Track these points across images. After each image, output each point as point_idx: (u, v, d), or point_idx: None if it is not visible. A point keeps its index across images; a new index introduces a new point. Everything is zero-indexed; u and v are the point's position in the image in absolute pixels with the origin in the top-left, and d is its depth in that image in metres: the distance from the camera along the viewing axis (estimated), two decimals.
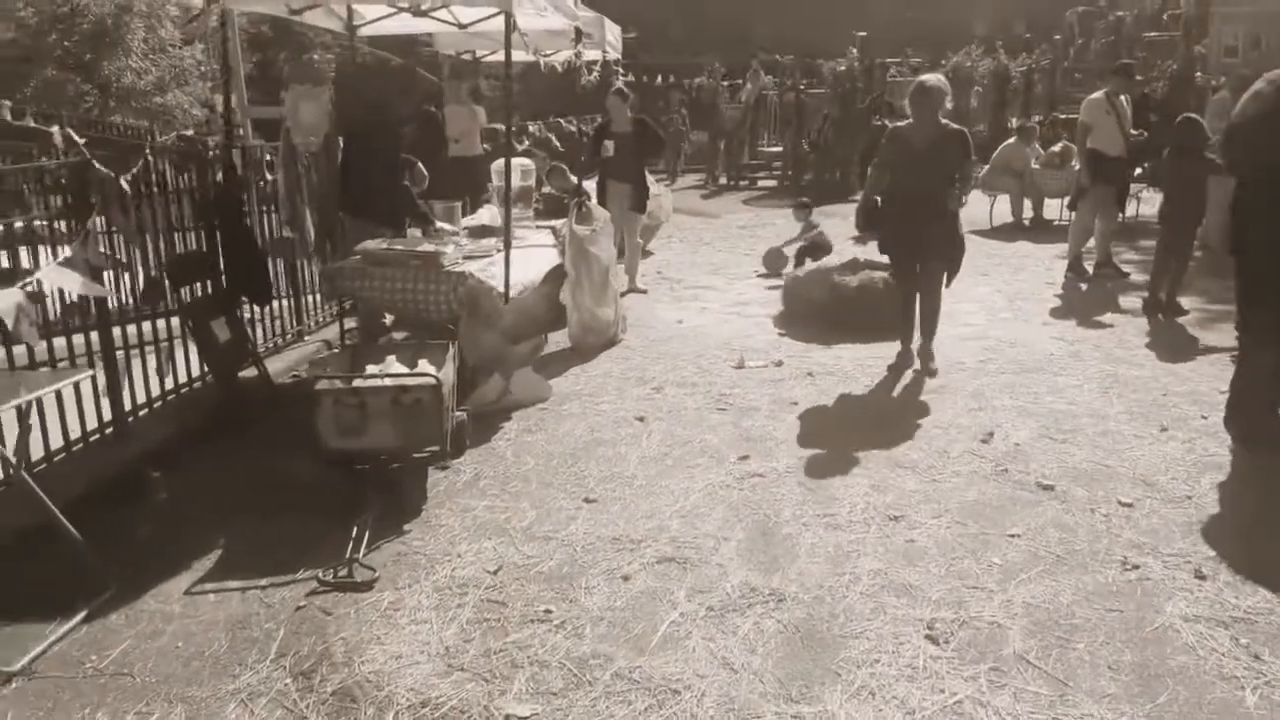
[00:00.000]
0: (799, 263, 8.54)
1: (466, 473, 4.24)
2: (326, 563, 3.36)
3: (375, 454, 3.87)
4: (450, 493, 4.04)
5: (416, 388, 3.82)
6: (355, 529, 3.53)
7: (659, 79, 19.40)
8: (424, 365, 4.24)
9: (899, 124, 5.74)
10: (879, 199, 5.62)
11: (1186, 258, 7.16)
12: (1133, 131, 8.30)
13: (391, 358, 4.28)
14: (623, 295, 7.04)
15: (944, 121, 5.39)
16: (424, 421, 3.79)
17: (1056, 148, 11.78)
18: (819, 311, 6.95)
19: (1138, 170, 10.19)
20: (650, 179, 8.84)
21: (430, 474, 4.16)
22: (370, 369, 4.10)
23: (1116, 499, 3.79)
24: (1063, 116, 18.79)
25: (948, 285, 5.65)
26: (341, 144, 5.90)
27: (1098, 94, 8.37)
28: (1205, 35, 21.38)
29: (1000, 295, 7.95)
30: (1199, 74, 19.61)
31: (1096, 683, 2.65)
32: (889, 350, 5.85)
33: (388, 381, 3.89)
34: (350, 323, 6.38)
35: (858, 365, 5.88)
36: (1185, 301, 7.17)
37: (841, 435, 4.65)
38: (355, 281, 5.14)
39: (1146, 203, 11.15)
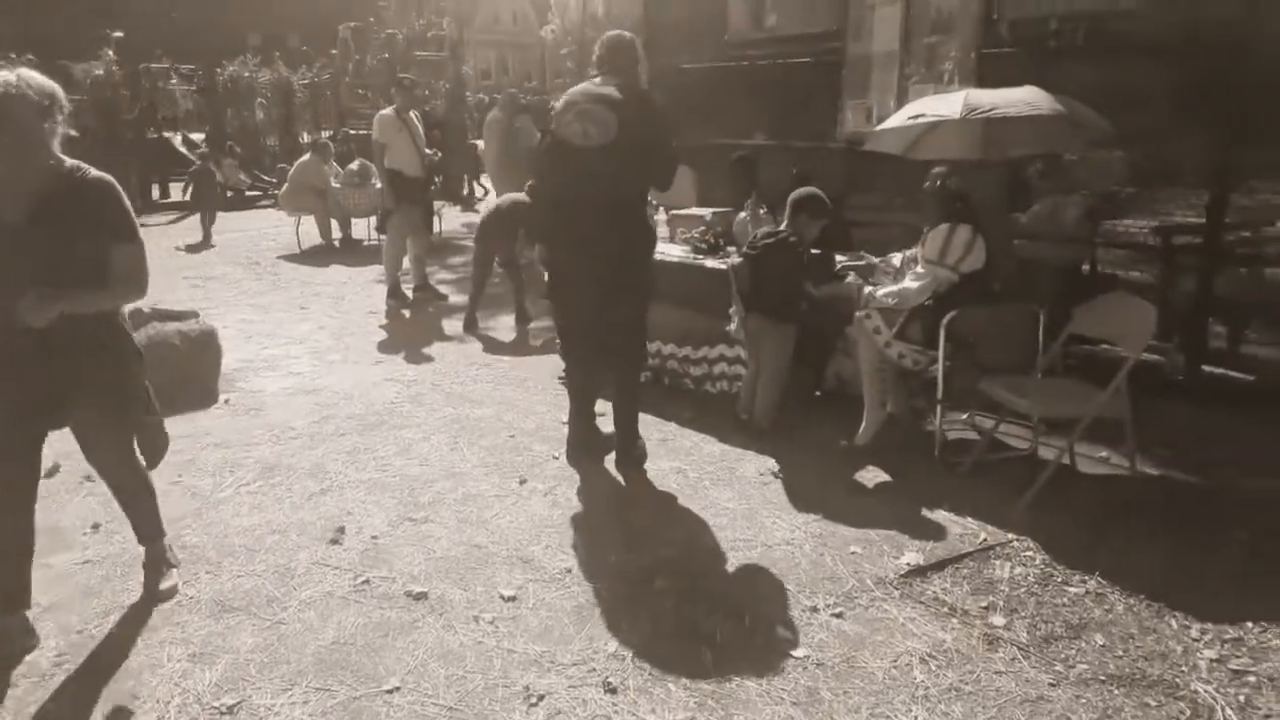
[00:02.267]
0: None
1: None
2: None
3: None
4: None
5: None
6: None
7: None
8: None
9: None
10: None
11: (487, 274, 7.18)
12: (428, 151, 8.11)
13: None
14: None
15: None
16: None
17: (354, 165, 11.35)
18: None
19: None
20: None
21: None
22: None
23: (499, 593, 3.21)
24: (353, 132, 18.77)
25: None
26: None
27: (388, 110, 7.99)
28: (465, 58, 23.31)
29: (325, 332, 7.13)
30: (469, 93, 21.23)
31: None
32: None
33: None
34: None
35: None
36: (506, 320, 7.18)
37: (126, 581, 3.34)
38: None
39: (448, 219, 11.38)
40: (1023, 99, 4.19)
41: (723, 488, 4.09)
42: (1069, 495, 3.75)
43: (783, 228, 4.61)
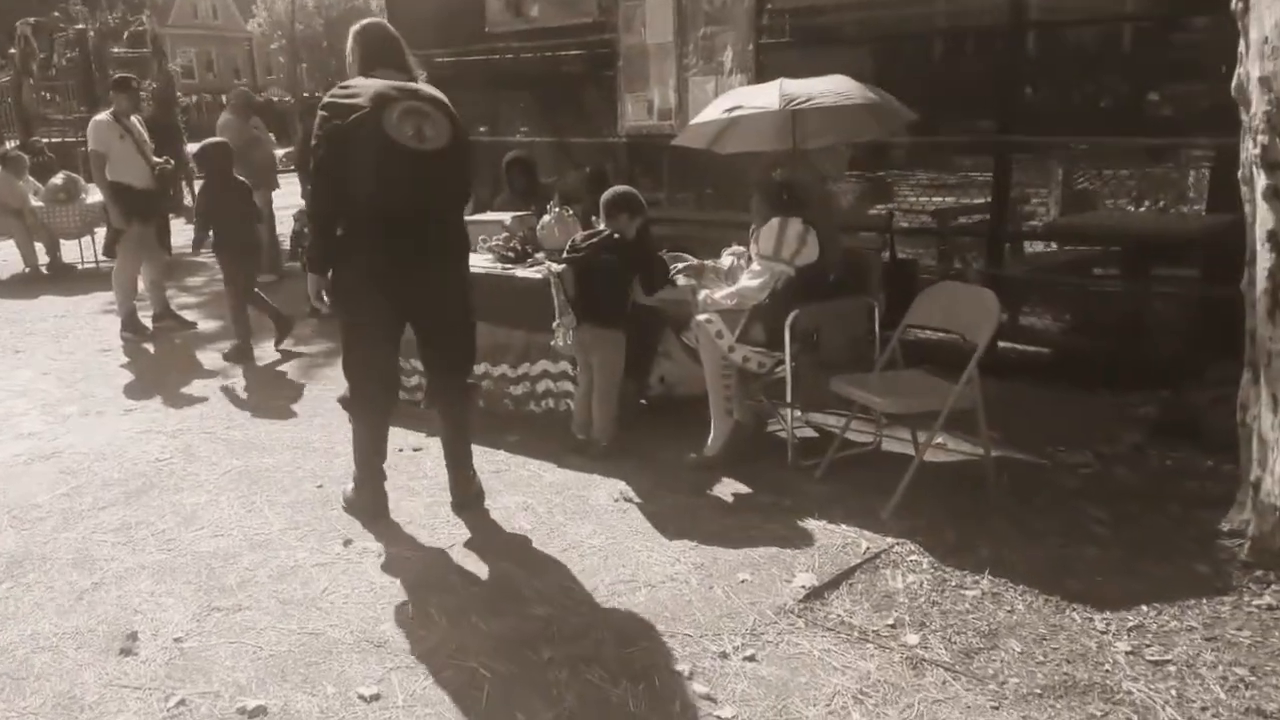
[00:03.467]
0: None
1: None
2: None
3: None
4: None
5: None
6: None
7: None
8: None
9: None
10: None
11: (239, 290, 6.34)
12: (156, 159, 7.06)
13: None
14: None
15: None
16: None
17: (58, 179, 9.82)
18: None
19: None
20: None
21: None
22: None
23: (356, 693, 2.67)
24: (44, 141, 16.41)
25: None
26: None
27: (104, 115, 6.88)
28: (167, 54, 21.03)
29: (52, 379, 6.01)
30: (179, 93, 19.19)
31: None
32: None
33: None
34: None
35: None
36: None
37: None
38: None
39: (183, 234, 10.13)
40: (834, 88, 4.13)
41: (579, 521, 3.74)
42: (928, 489, 3.73)
43: (602, 228, 4.30)
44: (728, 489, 3.99)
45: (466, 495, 3.85)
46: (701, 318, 4.08)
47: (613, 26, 6.81)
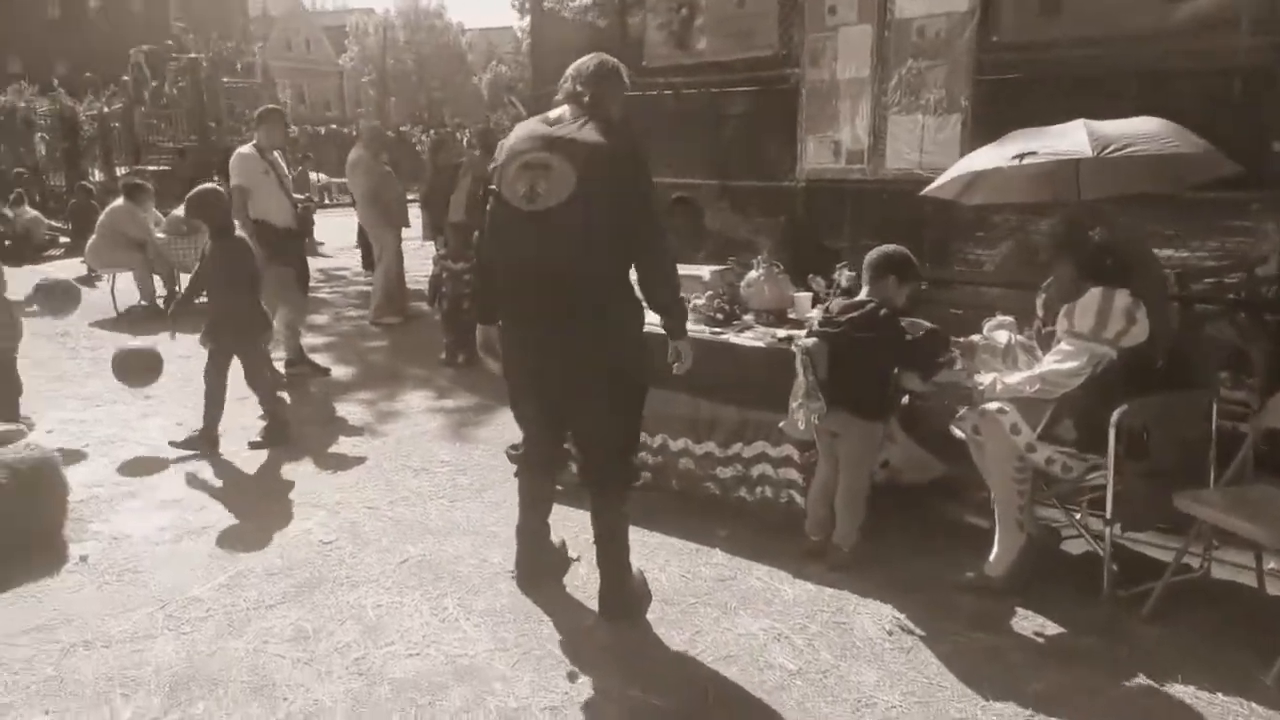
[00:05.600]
0: None
1: None
2: None
3: None
4: None
5: None
6: None
7: None
8: None
9: None
10: None
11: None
12: (299, 196, 6.62)
13: None
14: None
15: None
16: None
17: (179, 211, 9.50)
18: None
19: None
20: None
21: None
22: None
23: None
24: (152, 169, 16.46)
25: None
26: None
27: (248, 148, 6.47)
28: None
29: (187, 430, 5.48)
30: (290, 124, 19.18)
31: None
32: None
33: None
34: None
35: None
36: None
37: None
38: None
39: None
40: (1149, 131, 3.40)
41: (855, 662, 3.00)
42: None
43: (864, 295, 3.61)
44: (1028, 624, 3.22)
45: (617, 602, 3.28)
46: (992, 407, 3.34)
47: (795, 60, 6.17)
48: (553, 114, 3.03)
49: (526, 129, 3.03)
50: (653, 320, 3.19)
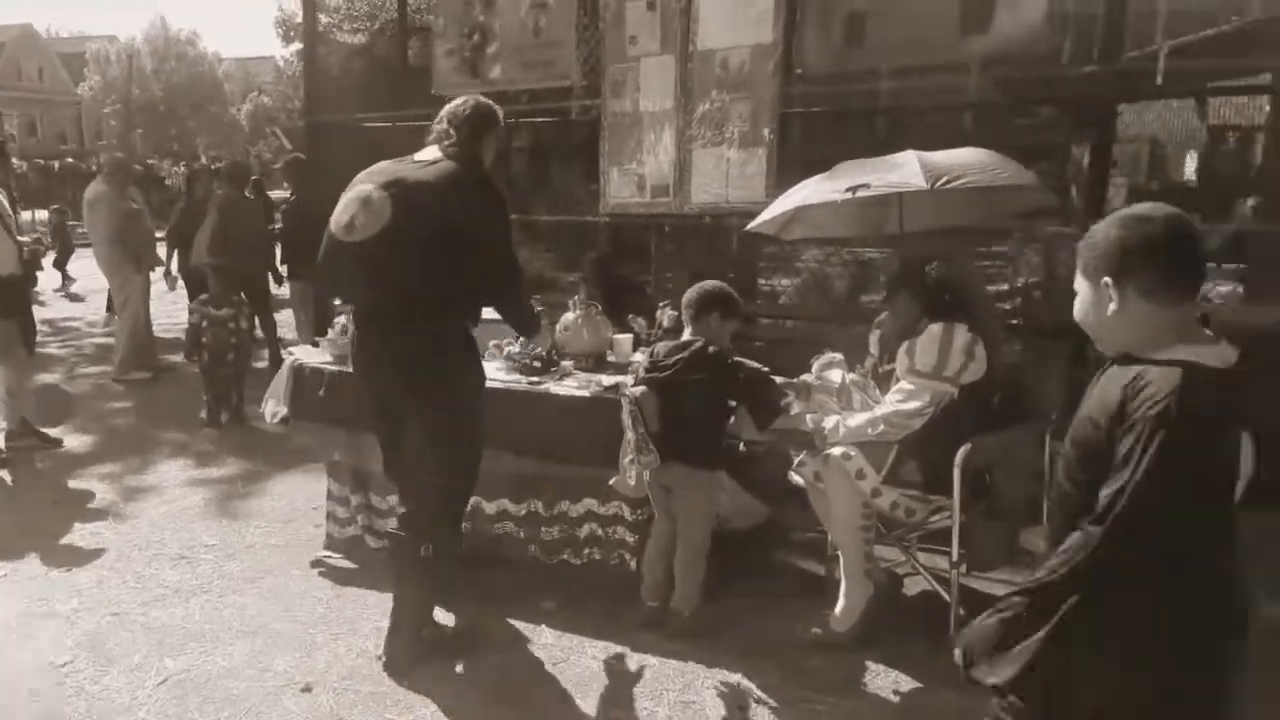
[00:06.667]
0: None
1: None
2: None
3: None
4: None
5: None
6: None
7: None
8: None
9: None
10: None
11: None
12: (23, 239, 5.61)
13: None
14: None
15: None
16: None
17: None
18: None
19: None
20: None
21: None
22: None
23: None
24: None
25: None
26: None
27: None
28: None
29: None
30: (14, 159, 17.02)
31: None
32: None
33: None
34: None
35: None
36: None
37: None
38: None
39: None
40: (979, 162, 3.34)
41: None
42: None
43: (689, 335, 3.33)
44: (883, 681, 3.01)
45: (394, 652, 3.13)
46: (836, 452, 3.13)
47: (596, 91, 5.91)
48: (419, 154, 3.04)
49: (379, 165, 3.04)
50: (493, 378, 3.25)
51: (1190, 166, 10.79)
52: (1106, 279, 1.64)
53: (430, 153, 3.02)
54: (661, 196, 5.72)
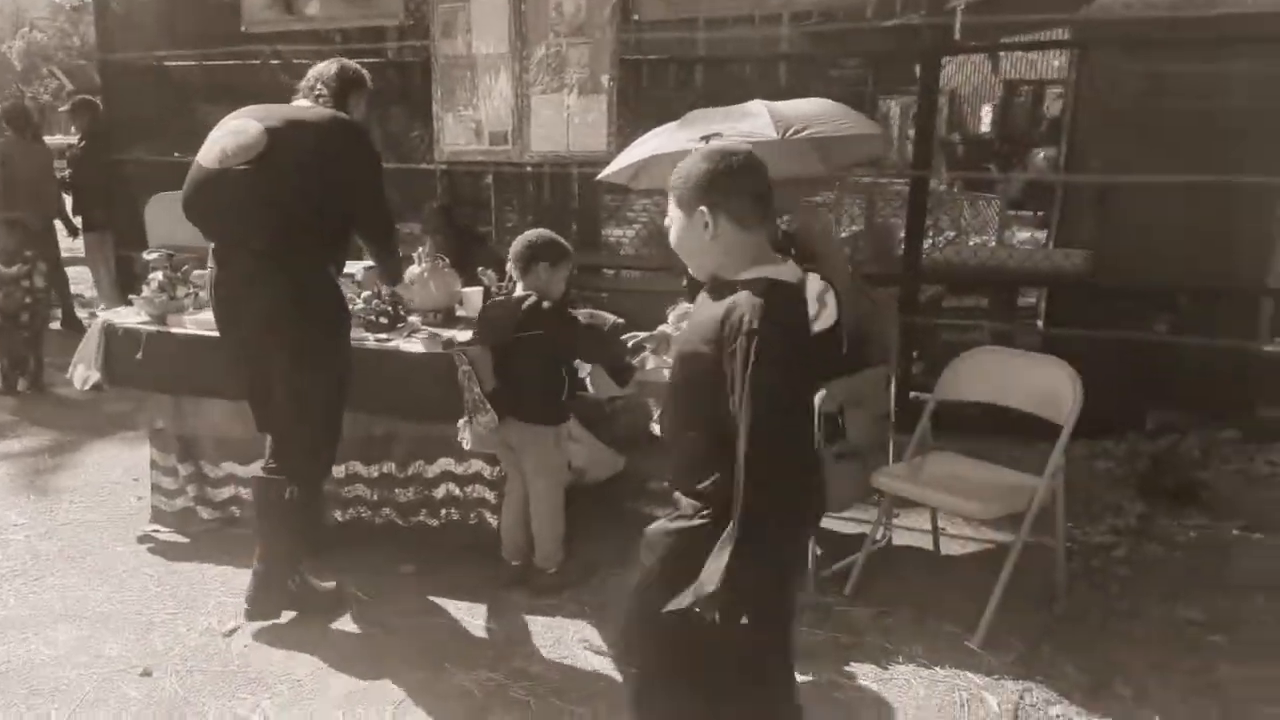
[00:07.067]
0: None
1: None
2: None
3: None
4: None
5: None
6: None
7: None
8: None
9: None
10: None
11: None
12: None
13: None
14: None
15: None
16: None
17: None
18: None
19: None
20: None
21: None
22: None
23: None
24: None
25: None
26: None
27: None
28: None
29: None
30: None
31: None
32: None
33: None
34: None
35: None
36: None
37: None
38: None
39: None
40: (824, 113, 3.43)
41: (594, 702, 2.68)
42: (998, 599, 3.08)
43: (519, 289, 3.25)
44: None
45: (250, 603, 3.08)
46: None
47: (423, 31, 5.64)
48: (293, 103, 3.06)
49: (253, 106, 2.99)
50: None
51: (987, 119, 11.49)
52: (703, 208, 1.80)
53: (304, 103, 3.04)
54: (500, 144, 5.57)
